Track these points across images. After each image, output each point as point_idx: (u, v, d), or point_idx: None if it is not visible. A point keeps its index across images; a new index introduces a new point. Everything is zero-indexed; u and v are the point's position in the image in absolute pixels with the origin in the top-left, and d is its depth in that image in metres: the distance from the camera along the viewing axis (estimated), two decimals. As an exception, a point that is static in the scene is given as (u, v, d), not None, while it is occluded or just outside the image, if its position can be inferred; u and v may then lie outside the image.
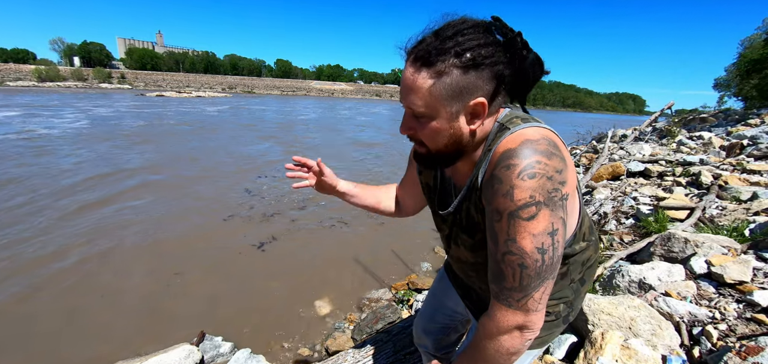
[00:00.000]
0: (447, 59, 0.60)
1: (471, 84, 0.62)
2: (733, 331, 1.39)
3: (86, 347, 2.47)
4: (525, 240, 0.59)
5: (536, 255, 0.60)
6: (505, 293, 0.64)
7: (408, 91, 0.65)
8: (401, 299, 3.04)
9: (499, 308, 0.65)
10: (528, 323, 0.65)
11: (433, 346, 1.21)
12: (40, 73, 65.48)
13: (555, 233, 0.60)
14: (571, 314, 0.86)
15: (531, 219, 0.58)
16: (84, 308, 2.86)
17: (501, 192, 0.60)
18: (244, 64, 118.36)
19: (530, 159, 0.59)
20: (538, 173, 0.58)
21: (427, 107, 0.64)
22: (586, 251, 0.80)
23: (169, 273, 3.38)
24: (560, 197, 0.60)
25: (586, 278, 0.85)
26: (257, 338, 2.61)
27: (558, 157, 0.61)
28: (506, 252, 0.61)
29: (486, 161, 0.67)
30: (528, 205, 0.58)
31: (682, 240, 2.05)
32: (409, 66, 0.64)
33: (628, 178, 4.36)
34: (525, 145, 0.60)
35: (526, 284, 0.62)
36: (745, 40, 13.39)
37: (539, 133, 0.63)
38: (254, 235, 4.30)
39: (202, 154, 8.86)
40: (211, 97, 49.75)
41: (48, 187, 5.63)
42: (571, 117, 58.16)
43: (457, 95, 0.63)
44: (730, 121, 9.19)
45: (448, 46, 0.60)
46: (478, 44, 0.61)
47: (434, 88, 0.62)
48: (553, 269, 0.62)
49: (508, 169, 0.60)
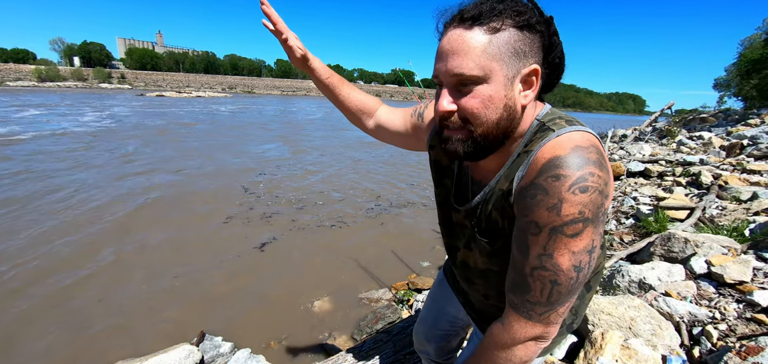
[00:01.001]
0: (503, 15, 0.55)
1: (527, 46, 0.56)
2: (733, 331, 1.39)
3: (86, 348, 2.47)
4: (563, 257, 0.54)
5: (572, 273, 0.55)
6: (527, 305, 0.60)
7: (454, 52, 0.56)
8: (401, 299, 3.04)
9: (517, 319, 0.62)
10: (546, 334, 0.62)
11: (435, 352, 1.19)
12: (40, 73, 65.50)
13: (593, 251, 0.56)
14: (576, 321, 0.82)
15: (575, 236, 0.53)
16: (84, 307, 2.86)
17: (545, 204, 0.54)
18: (244, 64, 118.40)
19: (583, 171, 0.53)
20: (591, 187, 0.52)
21: (482, 68, 0.55)
22: (600, 259, 0.77)
23: (169, 273, 3.38)
24: (604, 211, 0.55)
25: (593, 284, 0.82)
26: (257, 338, 2.61)
27: (606, 168, 0.55)
28: (538, 267, 0.56)
29: (525, 164, 0.59)
30: (575, 221, 0.53)
31: (682, 240, 2.05)
32: (456, 26, 0.56)
33: (628, 178, 4.36)
34: (576, 153, 0.54)
35: (555, 300, 0.58)
36: (745, 40, 13.40)
37: (588, 139, 0.57)
38: (254, 235, 4.30)
39: (216, 152, 8.87)
40: (211, 97, 49.73)
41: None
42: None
43: (514, 56, 0.56)
44: (730, 121, 9.19)
45: (501, 6, 0.55)
46: (529, 8, 0.57)
47: (490, 45, 0.54)
48: (582, 285, 0.59)
49: (557, 179, 0.53)
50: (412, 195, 6.30)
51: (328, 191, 6.27)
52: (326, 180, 7.04)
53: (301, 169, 7.82)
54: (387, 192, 6.44)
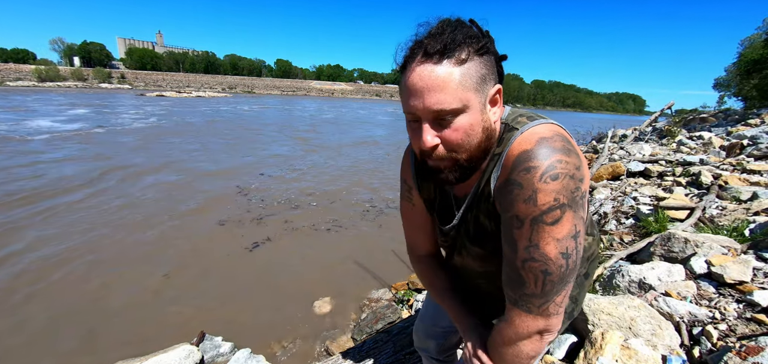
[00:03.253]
0: (465, 46, 0.57)
1: (488, 70, 0.60)
2: (733, 331, 1.39)
3: (86, 348, 2.47)
4: (549, 245, 0.56)
5: (561, 260, 0.57)
6: (524, 299, 0.62)
7: (430, 89, 0.57)
8: (401, 299, 3.04)
9: (518, 314, 0.63)
10: (549, 326, 0.63)
11: (436, 350, 1.19)
12: (40, 73, 65.50)
13: (578, 235, 0.57)
14: (576, 309, 0.84)
15: (555, 223, 0.55)
16: (84, 307, 2.86)
17: (522, 197, 0.56)
18: (244, 64, 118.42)
19: (551, 159, 0.55)
20: (561, 173, 0.54)
21: (460, 100, 0.57)
22: (591, 246, 0.78)
23: (168, 273, 3.38)
24: (581, 195, 0.57)
25: (590, 272, 0.83)
26: (257, 338, 2.61)
27: (574, 153, 0.57)
28: (528, 259, 0.58)
29: (498, 165, 0.62)
30: (552, 208, 0.55)
31: (682, 240, 2.05)
32: (425, 62, 0.57)
33: (628, 178, 4.35)
34: (541, 144, 0.56)
35: (549, 290, 0.59)
36: (745, 40, 13.38)
37: (551, 129, 0.59)
38: (255, 235, 4.30)
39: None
40: (212, 97, 49.71)
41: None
42: (571, 117, 58.10)
43: (482, 82, 0.59)
44: (730, 121, 9.19)
45: (460, 36, 0.57)
46: (479, 34, 0.60)
47: (463, 77, 0.57)
48: (574, 272, 0.60)
49: (528, 172, 0.56)
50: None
51: (328, 191, 6.27)
52: (326, 180, 7.04)
53: (296, 172, 7.82)
54: (387, 192, 6.43)
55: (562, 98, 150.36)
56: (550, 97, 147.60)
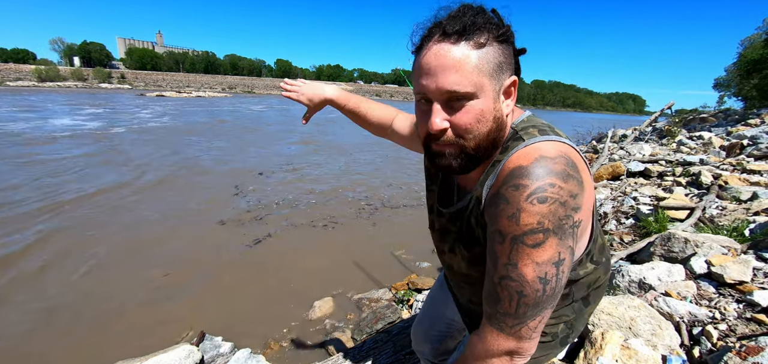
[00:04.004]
0: (485, 30, 0.55)
1: (506, 59, 0.57)
2: (733, 331, 1.39)
3: (86, 348, 2.47)
4: (527, 267, 0.54)
5: (537, 285, 0.55)
6: (498, 317, 0.59)
7: (445, 68, 0.55)
8: (401, 299, 3.04)
9: (491, 331, 0.61)
10: (519, 349, 0.60)
11: (431, 353, 1.19)
12: (40, 73, 65.48)
13: (561, 263, 0.55)
14: (571, 335, 0.80)
15: (536, 246, 0.53)
16: (83, 307, 2.86)
17: (506, 213, 0.54)
18: (244, 64, 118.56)
19: (543, 181, 0.52)
20: (550, 198, 0.52)
21: (474, 84, 0.55)
22: (594, 273, 0.73)
23: (168, 273, 3.38)
24: (571, 224, 0.54)
25: (592, 299, 0.79)
26: (257, 338, 2.61)
27: (575, 179, 0.54)
28: (505, 277, 0.56)
29: (494, 174, 0.60)
30: (534, 231, 0.52)
31: (682, 240, 2.05)
32: (442, 42, 0.55)
33: (628, 178, 4.36)
34: (539, 163, 0.54)
35: (523, 312, 0.57)
36: (745, 40, 13.39)
37: (557, 149, 0.56)
38: (254, 235, 4.30)
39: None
40: (212, 97, 49.71)
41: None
42: (571, 117, 58.13)
43: (498, 70, 0.57)
44: (730, 121, 9.19)
45: (481, 19, 0.55)
46: (500, 21, 0.58)
47: (480, 60, 0.55)
48: (553, 299, 0.57)
49: (516, 189, 0.53)
50: (412, 196, 6.30)
51: (329, 191, 6.27)
52: (328, 180, 7.04)
53: (296, 171, 7.82)
54: (387, 193, 6.44)
55: (562, 98, 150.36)
56: (550, 97, 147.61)
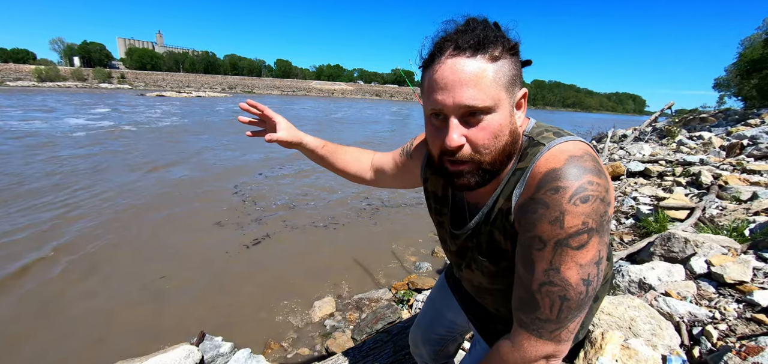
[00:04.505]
0: (498, 43, 0.55)
1: (517, 71, 0.57)
2: (733, 331, 1.39)
3: (85, 348, 2.47)
4: (571, 270, 0.53)
5: (581, 287, 0.54)
6: (536, 323, 0.58)
7: (463, 83, 0.53)
8: (401, 299, 3.04)
9: (528, 337, 0.60)
10: (557, 352, 0.60)
11: (429, 356, 1.18)
12: (40, 73, 65.47)
13: (600, 262, 0.54)
14: (581, 332, 0.81)
15: (581, 248, 0.52)
16: (84, 306, 2.86)
17: (548, 218, 0.53)
18: (244, 64, 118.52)
19: (582, 180, 0.52)
20: (592, 196, 0.51)
21: (492, 98, 0.54)
22: (607, 268, 0.76)
23: (168, 273, 3.38)
24: (608, 219, 0.54)
25: (600, 294, 0.80)
26: (257, 338, 2.61)
27: (604, 174, 0.54)
28: (546, 283, 0.55)
29: (522, 181, 0.59)
30: (580, 232, 0.52)
31: (682, 240, 2.05)
32: (456, 56, 0.54)
33: (628, 178, 4.36)
34: (571, 163, 0.53)
35: (565, 316, 0.56)
36: (745, 40, 13.38)
37: (580, 148, 0.56)
38: (254, 236, 4.30)
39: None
40: (212, 97, 49.71)
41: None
42: (571, 117, 58.12)
43: (512, 83, 0.56)
44: (730, 121, 9.19)
45: (492, 32, 0.55)
46: (507, 35, 0.58)
47: (496, 74, 0.54)
48: (591, 299, 0.57)
49: (556, 192, 0.52)
50: (412, 196, 6.29)
51: (330, 191, 6.27)
52: (330, 179, 7.04)
53: (297, 171, 7.82)
54: (387, 193, 6.43)
55: (562, 98, 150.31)
56: (550, 97, 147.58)
